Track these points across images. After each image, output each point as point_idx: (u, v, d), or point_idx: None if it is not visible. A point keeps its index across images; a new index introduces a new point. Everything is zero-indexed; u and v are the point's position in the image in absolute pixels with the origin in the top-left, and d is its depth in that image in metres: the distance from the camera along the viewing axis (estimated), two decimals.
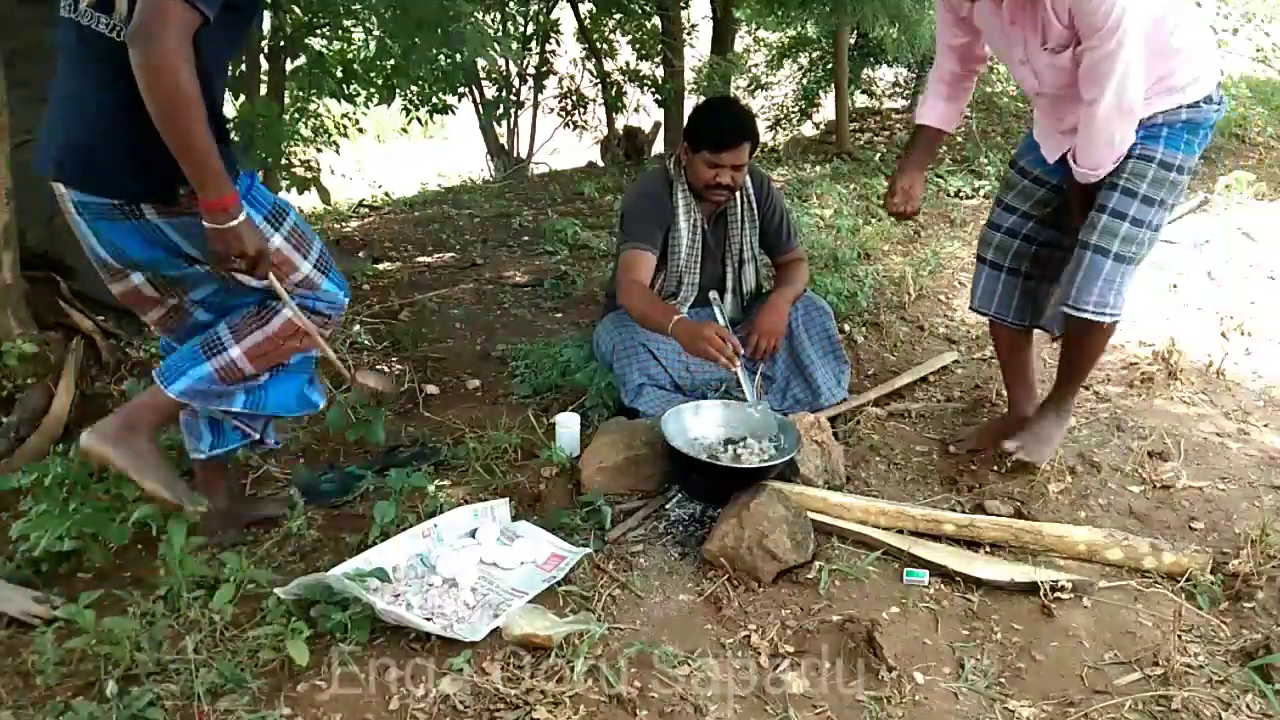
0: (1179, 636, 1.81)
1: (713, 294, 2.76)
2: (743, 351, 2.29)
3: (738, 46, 7.82)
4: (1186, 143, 2.18)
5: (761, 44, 9.08)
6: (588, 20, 7.37)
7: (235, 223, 1.71)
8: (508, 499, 2.25)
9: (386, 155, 9.27)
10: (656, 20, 7.08)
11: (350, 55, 5.32)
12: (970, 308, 2.65)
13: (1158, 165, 2.16)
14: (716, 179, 2.63)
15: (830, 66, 7.43)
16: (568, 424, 2.52)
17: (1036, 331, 2.62)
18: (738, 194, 2.78)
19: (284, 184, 4.55)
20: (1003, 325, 2.58)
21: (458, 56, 5.24)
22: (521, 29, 7.23)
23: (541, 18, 7.24)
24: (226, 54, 1.92)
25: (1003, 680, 1.74)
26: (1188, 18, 2.17)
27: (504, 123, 7.58)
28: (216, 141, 1.67)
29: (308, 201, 5.78)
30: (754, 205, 2.83)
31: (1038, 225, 2.46)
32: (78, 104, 1.74)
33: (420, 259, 4.69)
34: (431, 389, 3.01)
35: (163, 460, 1.96)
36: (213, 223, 1.70)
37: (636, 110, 7.78)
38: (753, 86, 9.04)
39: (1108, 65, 2.01)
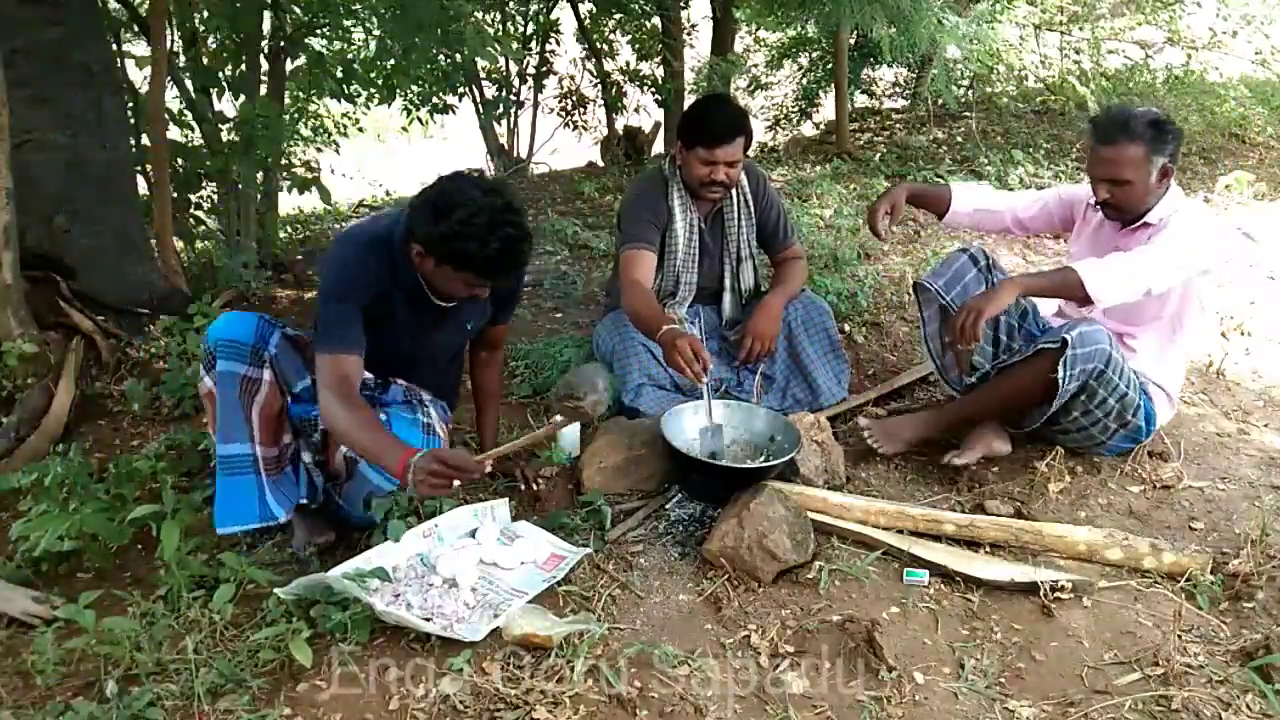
0: (1179, 636, 1.81)
1: (683, 313, 2.74)
2: (712, 368, 2.28)
3: (738, 46, 7.81)
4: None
5: (761, 44, 9.07)
6: (588, 20, 7.36)
7: (416, 469, 1.75)
8: (508, 499, 2.25)
9: (386, 155, 9.26)
10: (656, 20, 7.06)
11: (350, 55, 5.31)
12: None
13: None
14: (711, 176, 2.62)
15: (830, 66, 7.44)
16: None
17: None
18: (734, 192, 2.78)
19: (285, 184, 4.55)
20: None
21: (458, 56, 5.25)
22: (521, 29, 7.23)
23: (541, 18, 7.23)
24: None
25: (1003, 680, 1.74)
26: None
27: (504, 123, 7.56)
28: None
29: (309, 201, 5.78)
30: (750, 203, 2.83)
31: None
32: None
33: None
34: None
35: None
36: (411, 487, 1.79)
37: (636, 110, 7.77)
38: (753, 86, 9.04)
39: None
